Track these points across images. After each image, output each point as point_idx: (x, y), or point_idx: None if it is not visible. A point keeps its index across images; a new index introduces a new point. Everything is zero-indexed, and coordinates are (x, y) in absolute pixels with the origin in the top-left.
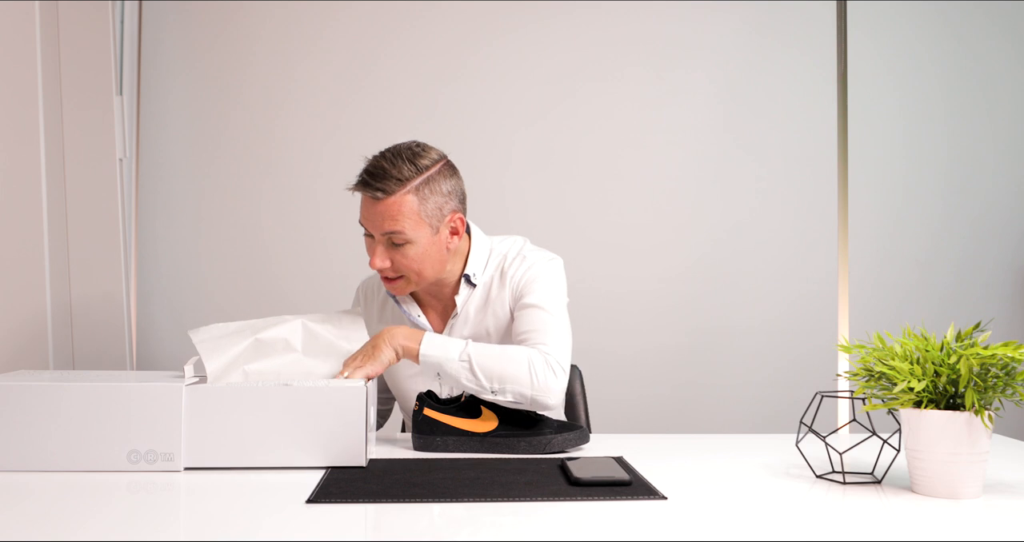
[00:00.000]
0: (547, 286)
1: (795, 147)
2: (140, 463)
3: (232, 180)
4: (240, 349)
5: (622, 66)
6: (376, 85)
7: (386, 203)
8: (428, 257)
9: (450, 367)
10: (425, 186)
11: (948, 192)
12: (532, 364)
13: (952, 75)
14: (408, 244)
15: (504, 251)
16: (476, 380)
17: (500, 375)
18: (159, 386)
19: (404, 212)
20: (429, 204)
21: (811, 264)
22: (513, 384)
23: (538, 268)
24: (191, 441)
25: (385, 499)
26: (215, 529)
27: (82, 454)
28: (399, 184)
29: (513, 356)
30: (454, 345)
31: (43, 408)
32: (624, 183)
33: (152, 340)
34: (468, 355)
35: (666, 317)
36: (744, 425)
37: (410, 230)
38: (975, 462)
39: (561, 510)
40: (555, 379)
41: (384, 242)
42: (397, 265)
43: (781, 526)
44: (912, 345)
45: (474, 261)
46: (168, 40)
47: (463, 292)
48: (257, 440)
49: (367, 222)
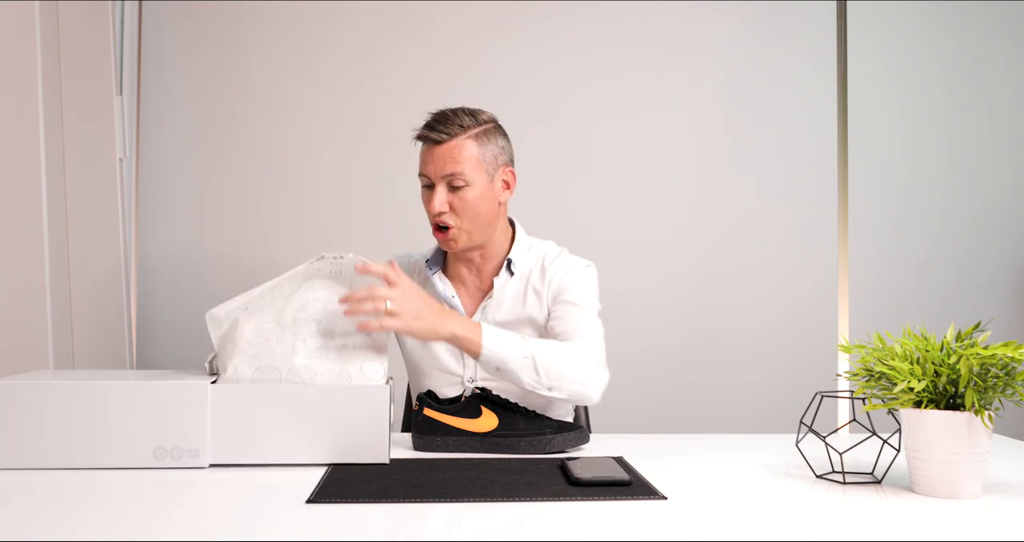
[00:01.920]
0: (587, 289)
1: (795, 147)
2: (166, 459)
3: (232, 180)
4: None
5: (622, 66)
6: (376, 85)
7: (448, 146)
8: (483, 203)
9: (513, 364)
10: (483, 135)
11: (948, 192)
12: (583, 361)
13: (952, 75)
14: (467, 187)
15: (544, 250)
16: (538, 378)
17: (560, 373)
18: (186, 383)
19: (465, 155)
20: (487, 151)
21: (811, 264)
22: (569, 382)
23: (579, 272)
24: (217, 438)
25: (385, 499)
26: (215, 529)
27: (110, 451)
28: (461, 129)
29: (569, 354)
30: (514, 341)
31: (72, 407)
32: (624, 183)
33: (152, 340)
34: (531, 353)
35: (666, 317)
36: (744, 425)
37: (470, 172)
38: (975, 462)
39: (561, 510)
40: (601, 375)
41: (444, 186)
42: (456, 208)
43: (781, 526)
44: (912, 345)
45: (517, 249)
46: (168, 40)
47: (502, 276)
48: (280, 437)
49: (429, 166)
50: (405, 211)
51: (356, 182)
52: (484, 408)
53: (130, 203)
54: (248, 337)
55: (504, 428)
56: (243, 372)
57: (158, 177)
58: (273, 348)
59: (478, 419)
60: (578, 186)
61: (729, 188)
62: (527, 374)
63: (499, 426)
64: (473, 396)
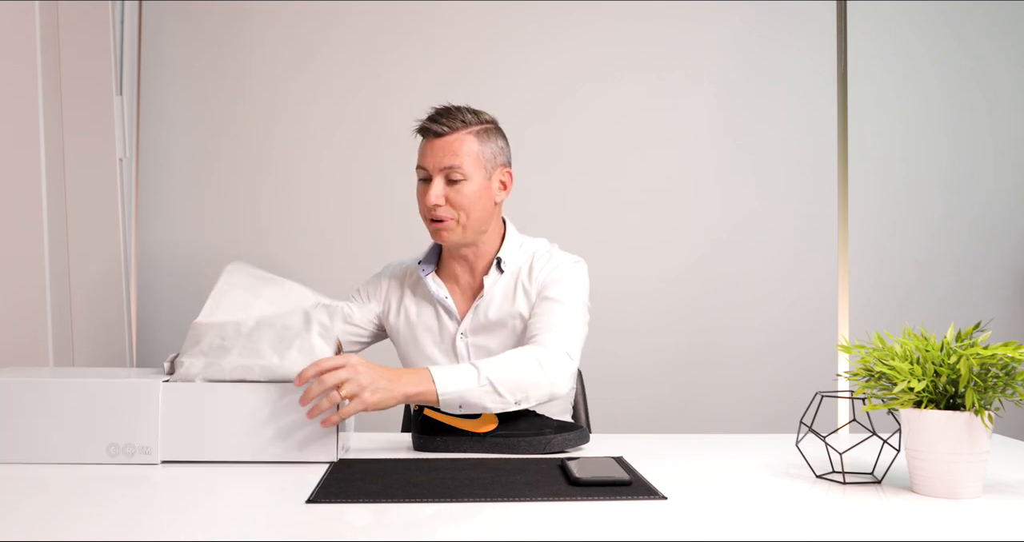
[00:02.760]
0: (568, 284)
1: (795, 147)
2: (119, 456)
3: (232, 180)
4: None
5: (622, 66)
6: (376, 85)
7: (449, 139)
8: (480, 199)
9: (472, 396)
10: (484, 133)
11: (948, 192)
12: (541, 362)
13: (952, 75)
14: (464, 181)
15: (534, 248)
16: (502, 399)
17: (521, 385)
18: (138, 382)
19: (465, 150)
20: (487, 149)
21: (811, 264)
22: (534, 389)
23: (564, 268)
24: (168, 435)
25: (385, 499)
26: (215, 528)
27: (62, 447)
28: (464, 124)
29: (524, 362)
30: (467, 374)
31: (24, 403)
32: (624, 183)
33: (152, 340)
34: (487, 378)
35: (666, 317)
36: (744, 425)
37: (469, 167)
38: (975, 462)
39: (561, 510)
40: (565, 367)
41: (442, 178)
42: (452, 202)
43: (781, 526)
44: (912, 345)
45: (507, 247)
46: (168, 40)
47: (492, 275)
48: (232, 435)
49: (429, 158)
50: (405, 210)
51: (356, 182)
52: None
53: (130, 203)
54: (208, 339)
55: (504, 428)
56: (195, 370)
57: (158, 177)
58: (228, 349)
59: (478, 419)
60: (578, 186)
61: (729, 188)
62: (490, 399)
63: (499, 426)
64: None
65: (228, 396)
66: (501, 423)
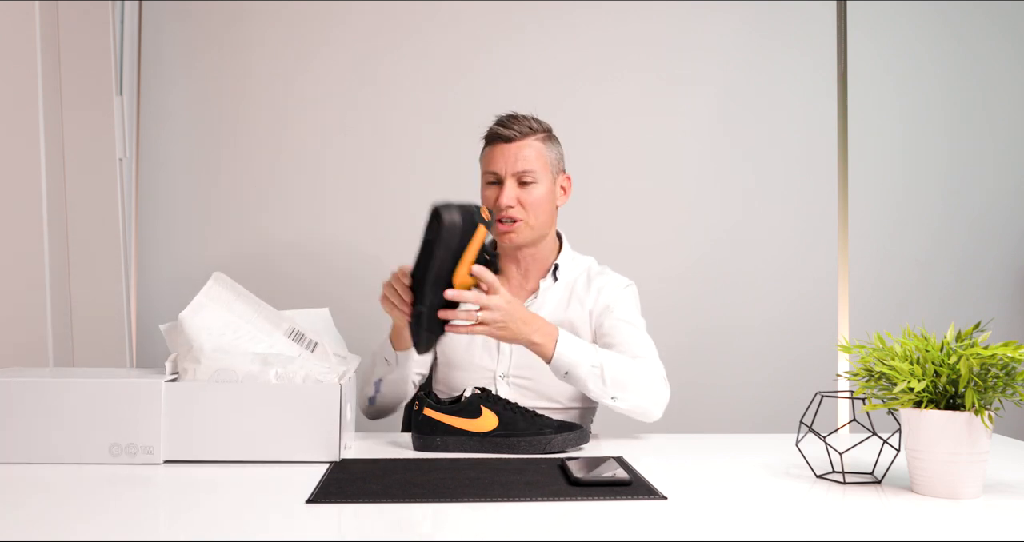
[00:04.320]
0: (635, 308)
1: (795, 147)
2: (122, 456)
3: (233, 180)
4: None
5: (622, 66)
6: (378, 85)
7: (520, 144)
8: (547, 202)
9: (581, 371)
10: (548, 139)
11: (948, 192)
12: (651, 378)
13: (952, 75)
14: (535, 184)
15: (588, 263)
16: (604, 387)
17: (625, 385)
18: (140, 382)
19: (535, 154)
20: (552, 154)
21: (811, 264)
22: (634, 395)
23: (628, 290)
24: (170, 435)
25: (385, 499)
26: (215, 528)
27: (65, 447)
28: (532, 131)
29: (637, 369)
30: (586, 350)
31: (26, 403)
32: (624, 183)
33: (152, 340)
34: (600, 363)
35: (666, 317)
36: (744, 425)
37: (539, 170)
38: (975, 462)
39: (561, 510)
40: (665, 391)
41: (514, 181)
42: (523, 203)
43: (781, 526)
44: (912, 345)
45: (564, 257)
46: (168, 40)
47: (548, 280)
48: (234, 434)
49: (499, 162)
50: (404, 210)
51: (356, 182)
52: (484, 408)
53: (130, 203)
54: (210, 342)
55: (504, 428)
56: (201, 372)
57: (158, 177)
58: (229, 351)
59: (478, 419)
60: (577, 186)
61: (729, 188)
62: (593, 383)
63: (499, 426)
64: (473, 396)
65: (230, 396)
66: (501, 423)
